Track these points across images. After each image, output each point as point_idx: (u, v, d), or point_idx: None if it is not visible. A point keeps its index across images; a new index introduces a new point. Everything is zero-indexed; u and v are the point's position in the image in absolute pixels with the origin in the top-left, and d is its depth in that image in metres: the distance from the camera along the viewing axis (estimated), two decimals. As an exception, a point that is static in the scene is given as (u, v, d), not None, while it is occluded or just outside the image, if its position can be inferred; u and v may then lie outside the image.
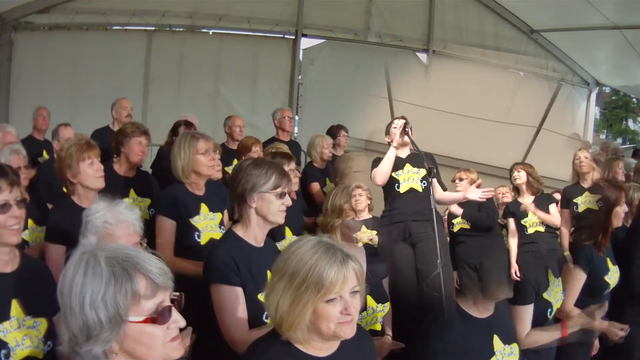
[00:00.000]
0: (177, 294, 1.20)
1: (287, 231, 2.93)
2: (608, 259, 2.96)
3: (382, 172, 3.49)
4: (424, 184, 3.43)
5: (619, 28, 7.43)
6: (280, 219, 2.06)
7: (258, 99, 7.64)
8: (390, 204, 3.57)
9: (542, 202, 4.48)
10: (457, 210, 4.51)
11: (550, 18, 8.14)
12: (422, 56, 8.44)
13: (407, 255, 3.35)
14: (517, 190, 4.61)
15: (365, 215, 3.56)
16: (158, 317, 1.12)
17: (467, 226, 4.46)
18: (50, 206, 2.95)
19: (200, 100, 7.30)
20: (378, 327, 2.60)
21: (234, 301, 1.91)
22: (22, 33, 6.83)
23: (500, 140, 7.92)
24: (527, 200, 4.48)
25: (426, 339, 2.06)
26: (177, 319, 1.16)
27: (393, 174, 3.51)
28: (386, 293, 2.69)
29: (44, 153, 4.84)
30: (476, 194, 3.29)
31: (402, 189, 3.46)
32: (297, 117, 8.06)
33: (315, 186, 4.43)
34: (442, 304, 2.47)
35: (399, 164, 3.51)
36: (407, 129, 3.44)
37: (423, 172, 3.44)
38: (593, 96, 9.78)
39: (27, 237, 2.81)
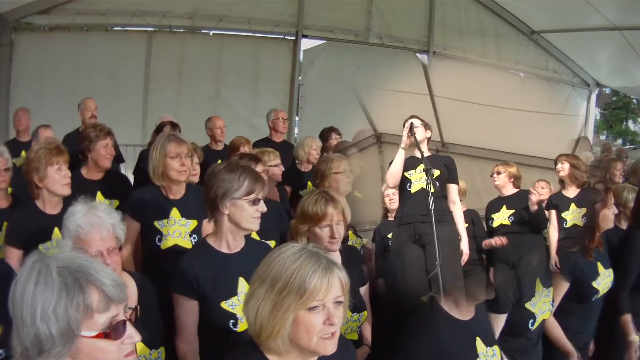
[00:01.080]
0: (132, 306, 1.16)
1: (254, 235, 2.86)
2: (599, 263, 2.91)
3: (391, 174, 3.44)
4: (437, 184, 3.35)
5: (619, 29, 7.44)
6: (254, 225, 2.00)
7: (258, 100, 7.63)
8: (402, 204, 3.52)
9: (586, 196, 4.16)
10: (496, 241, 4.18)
11: (551, 19, 8.14)
12: (423, 57, 8.45)
13: (416, 257, 3.27)
14: (562, 182, 4.40)
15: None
16: (111, 332, 1.07)
17: (507, 222, 4.23)
18: None
19: (200, 101, 7.30)
20: (355, 337, 2.53)
21: (185, 313, 1.93)
22: (23, 34, 6.83)
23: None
24: (570, 193, 4.28)
25: (408, 340, 2.04)
26: (132, 334, 1.11)
27: (406, 174, 3.44)
28: (364, 302, 2.60)
29: (22, 153, 4.79)
30: None
31: (413, 188, 3.39)
32: (297, 118, 8.07)
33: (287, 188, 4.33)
34: (432, 304, 2.42)
35: (412, 164, 3.44)
36: (413, 130, 3.37)
37: (437, 172, 3.35)
38: (593, 97, 9.79)
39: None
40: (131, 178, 4.25)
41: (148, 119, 6.88)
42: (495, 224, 4.29)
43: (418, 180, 3.40)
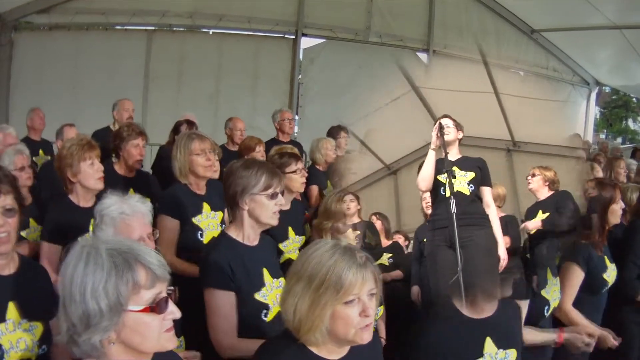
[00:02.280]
0: (172, 287, 1.22)
1: (290, 232, 2.90)
2: (606, 257, 2.97)
3: (423, 178, 3.34)
4: (471, 187, 3.29)
5: (619, 28, 7.44)
6: (273, 220, 2.03)
7: (258, 99, 7.64)
8: (435, 208, 3.42)
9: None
10: (535, 224, 4.09)
11: (551, 18, 8.15)
12: (423, 56, 8.45)
13: (450, 261, 3.09)
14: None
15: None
16: (156, 307, 1.16)
17: (541, 227, 4.05)
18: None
19: (200, 100, 7.30)
20: None
21: (225, 306, 1.91)
22: (23, 33, 6.82)
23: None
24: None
25: (412, 336, 2.06)
26: (173, 310, 1.19)
27: (438, 177, 3.32)
28: (381, 296, 2.66)
29: (40, 152, 4.83)
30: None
31: (448, 192, 3.21)
32: (297, 117, 8.06)
33: (314, 189, 4.40)
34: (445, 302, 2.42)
35: (446, 166, 3.29)
36: (443, 130, 3.27)
37: (471, 175, 3.29)
38: (593, 96, 9.81)
39: (27, 236, 2.82)
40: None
41: (148, 118, 6.88)
42: (532, 232, 4.13)
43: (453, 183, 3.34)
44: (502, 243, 3.32)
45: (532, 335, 2.45)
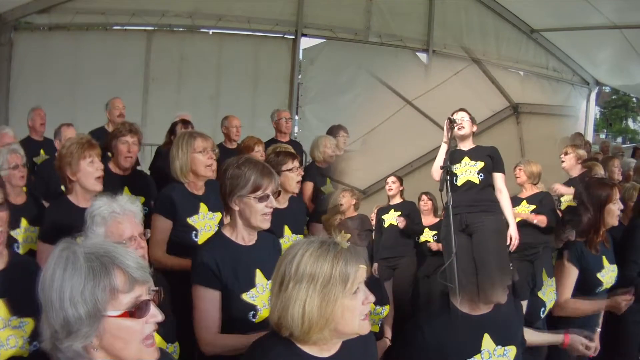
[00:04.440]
0: (156, 288, 1.20)
1: (286, 230, 2.90)
2: (604, 257, 2.93)
3: (435, 169, 3.48)
4: (481, 176, 3.44)
5: (619, 28, 7.44)
6: (263, 224, 1.98)
7: (258, 99, 7.64)
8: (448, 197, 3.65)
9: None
10: (567, 190, 4.25)
11: (551, 18, 8.15)
12: (422, 56, 8.45)
13: (464, 245, 3.29)
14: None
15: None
16: (136, 311, 1.14)
17: (573, 203, 4.10)
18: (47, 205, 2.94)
19: (200, 100, 7.31)
20: (376, 329, 2.60)
21: (207, 303, 1.91)
22: (22, 33, 6.83)
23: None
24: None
25: (409, 332, 2.05)
26: (155, 313, 1.17)
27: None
28: (387, 296, 2.68)
29: (42, 152, 4.83)
30: None
31: (459, 182, 3.45)
32: (297, 117, 8.07)
33: (308, 186, 4.41)
34: (442, 297, 2.44)
35: (458, 157, 3.50)
36: (453, 125, 3.42)
37: (480, 164, 3.44)
38: (593, 96, 9.80)
39: (18, 236, 2.80)
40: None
41: (148, 118, 6.89)
42: (563, 206, 4.26)
43: (463, 173, 3.48)
44: (514, 224, 3.44)
45: (536, 337, 2.44)
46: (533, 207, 4.25)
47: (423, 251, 4.93)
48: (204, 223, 2.70)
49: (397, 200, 5.13)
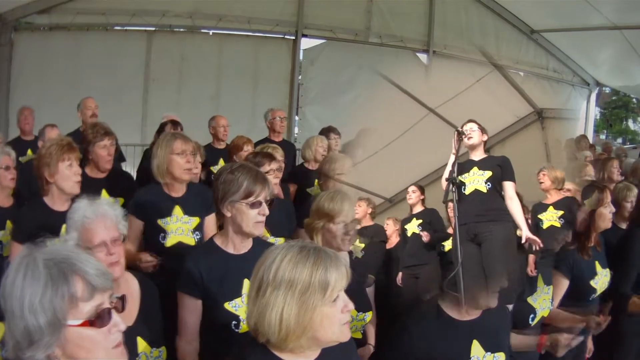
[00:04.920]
0: (119, 295, 1.15)
1: (265, 233, 2.80)
2: (597, 262, 2.91)
3: (443, 181, 3.47)
4: (489, 185, 3.47)
5: (619, 28, 7.44)
6: (255, 230, 1.95)
7: (258, 100, 7.63)
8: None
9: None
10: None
11: (551, 18, 8.15)
12: (422, 56, 8.45)
13: (473, 255, 3.32)
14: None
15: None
16: (96, 320, 1.09)
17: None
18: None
19: (200, 101, 7.30)
20: (358, 336, 2.54)
21: (187, 310, 1.94)
22: (23, 33, 6.83)
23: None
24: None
25: (395, 336, 2.03)
26: (117, 322, 1.12)
27: (460, 178, 3.48)
28: (370, 302, 2.61)
29: (29, 152, 4.79)
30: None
31: (467, 190, 3.49)
32: (297, 118, 8.07)
33: (291, 188, 4.35)
34: (429, 302, 2.42)
35: (467, 166, 3.54)
36: (461, 137, 3.43)
37: (489, 173, 3.47)
38: (593, 96, 9.79)
39: (1, 237, 2.80)
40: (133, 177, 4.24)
41: (148, 118, 6.88)
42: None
43: (471, 182, 3.51)
44: (525, 228, 3.43)
45: (512, 339, 2.41)
46: (561, 212, 4.19)
47: (447, 259, 4.85)
48: (177, 226, 2.63)
49: (419, 208, 5.20)
